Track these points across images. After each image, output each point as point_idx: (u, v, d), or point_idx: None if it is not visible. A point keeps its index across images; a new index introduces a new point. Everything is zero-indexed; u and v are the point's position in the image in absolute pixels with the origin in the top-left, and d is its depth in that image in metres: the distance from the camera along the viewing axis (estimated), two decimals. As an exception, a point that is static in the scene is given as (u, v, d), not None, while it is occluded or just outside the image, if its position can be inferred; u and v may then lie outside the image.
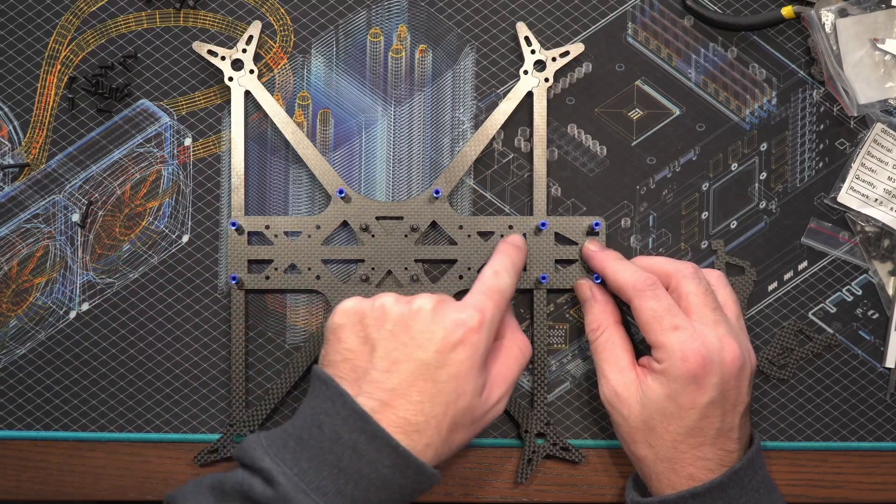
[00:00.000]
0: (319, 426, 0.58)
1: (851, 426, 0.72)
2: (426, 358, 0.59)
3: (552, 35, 0.72)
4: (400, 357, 0.59)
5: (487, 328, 0.61)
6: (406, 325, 0.60)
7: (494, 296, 0.63)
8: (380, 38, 0.72)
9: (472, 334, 0.60)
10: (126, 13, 0.72)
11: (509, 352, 0.65)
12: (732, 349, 0.63)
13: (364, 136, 0.72)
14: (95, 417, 0.72)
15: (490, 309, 0.62)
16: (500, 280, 0.64)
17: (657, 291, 0.64)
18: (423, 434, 0.59)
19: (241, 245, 0.71)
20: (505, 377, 0.63)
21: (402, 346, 0.60)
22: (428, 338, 0.59)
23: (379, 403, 0.58)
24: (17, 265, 0.71)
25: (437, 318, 0.60)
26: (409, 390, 0.59)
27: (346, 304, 0.62)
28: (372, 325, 0.61)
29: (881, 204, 0.71)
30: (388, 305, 0.61)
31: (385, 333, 0.60)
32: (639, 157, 0.72)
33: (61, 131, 0.72)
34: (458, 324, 0.60)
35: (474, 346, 0.60)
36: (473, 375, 0.60)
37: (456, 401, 0.59)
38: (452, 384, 0.59)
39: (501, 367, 0.63)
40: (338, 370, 0.61)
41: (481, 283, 0.63)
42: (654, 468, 0.64)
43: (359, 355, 0.60)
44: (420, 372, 0.59)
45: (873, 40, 0.70)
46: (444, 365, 0.59)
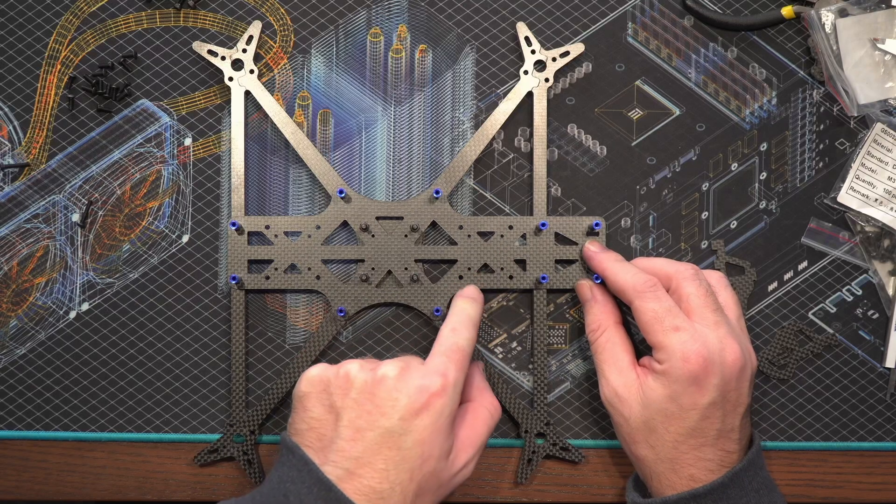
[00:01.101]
0: (286, 495, 0.58)
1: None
2: (390, 426, 0.59)
3: (552, 35, 0.72)
4: (364, 425, 0.59)
5: (451, 392, 0.61)
6: (370, 392, 0.60)
7: (455, 356, 0.62)
8: (380, 38, 0.72)
9: (435, 399, 0.60)
10: (126, 13, 0.72)
11: (477, 413, 0.64)
12: (733, 350, 0.63)
13: (364, 136, 0.72)
14: (95, 417, 0.72)
15: (452, 371, 0.61)
16: (458, 337, 0.64)
17: (657, 293, 0.64)
18: (388, 501, 0.58)
19: (241, 245, 0.71)
20: (473, 440, 0.63)
21: (366, 413, 0.60)
22: (391, 405, 0.59)
23: (344, 472, 0.58)
24: (17, 265, 0.71)
25: (400, 385, 0.60)
26: (374, 458, 0.59)
27: (311, 373, 0.62)
28: (336, 394, 0.61)
29: (881, 204, 0.71)
30: (352, 373, 0.61)
31: (349, 402, 0.60)
32: (639, 157, 0.72)
33: (61, 131, 0.72)
34: (421, 390, 0.60)
35: (438, 412, 0.60)
36: (439, 440, 0.60)
37: (421, 466, 0.59)
38: (417, 450, 0.59)
39: (469, 429, 0.63)
40: (304, 438, 0.61)
41: (441, 344, 0.63)
42: (654, 469, 0.64)
43: (324, 424, 0.61)
44: (384, 440, 0.59)
45: (873, 40, 0.70)
46: (408, 431, 0.59)
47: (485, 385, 0.67)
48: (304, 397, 0.62)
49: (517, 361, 0.72)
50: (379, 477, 0.58)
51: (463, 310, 0.66)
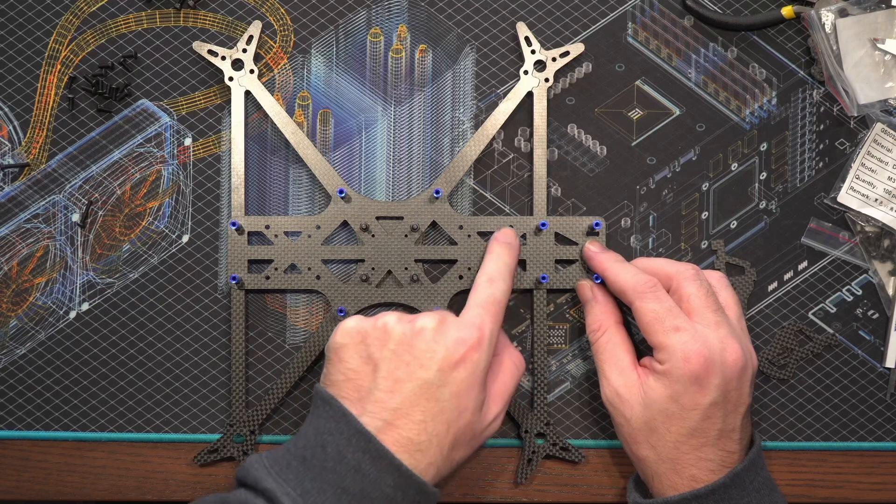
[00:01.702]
0: (323, 446, 0.58)
1: (851, 426, 0.72)
2: (429, 377, 0.59)
3: (552, 35, 0.72)
4: (403, 376, 0.59)
5: (487, 345, 0.61)
6: (409, 344, 0.60)
7: (491, 308, 0.63)
8: (380, 38, 0.72)
9: (472, 352, 0.60)
10: (126, 13, 0.72)
11: (505, 367, 0.65)
12: (734, 350, 0.63)
13: (364, 136, 0.72)
14: (95, 417, 0.72)
15: (489, 323, 0.62)
16: (495, 289, 0.64)
17: (658, 293, 0.64)
18: (426, 453, 0.59)
19: (241, 245, 0.71)
20: (502, 393, 0.64)
21: (404, 365, 0.60)
22: (430, 357, 0.60)
23: (383, 423, 0.59)
24: (17, 265, 0.71)
25: (438, 337, 0.60)
26: (413, 410, 0.59)
27: (348, 324, 0.62)
28: (374, 345, 0.61)
29: (881, 204, 0.71)
30: (390, 325, 0.61)
31: (388, 353, 0.60)
32: (639, 157, 0.72)
33: (61, 131, 0.72)
34: (460, 342, 0.60)
35: (475, 364, 0.60)
36: (475, 393, 0.60)
37: (458, 419, 0.60)
38: (454, 402, 0.59)
39: (499, 383, 0.64)
40: (340, 390, 0.61)
41: (477, 296, 0.64)
42: (655, 469, 0.64)
43: (361, 375, 0.61)
44: (423, 391, 0.59)
45: (873, 40, 0.70)
46: (446, 384, 0.59)
47: (507, 339, 0.67)
48: (341, 348, 0.62)
49: (517, 361, 0.72)
50: (417, 428, 0.59)
51: (500, 257, 0.66)
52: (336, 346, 0.62)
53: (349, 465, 0.57)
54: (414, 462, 0.58)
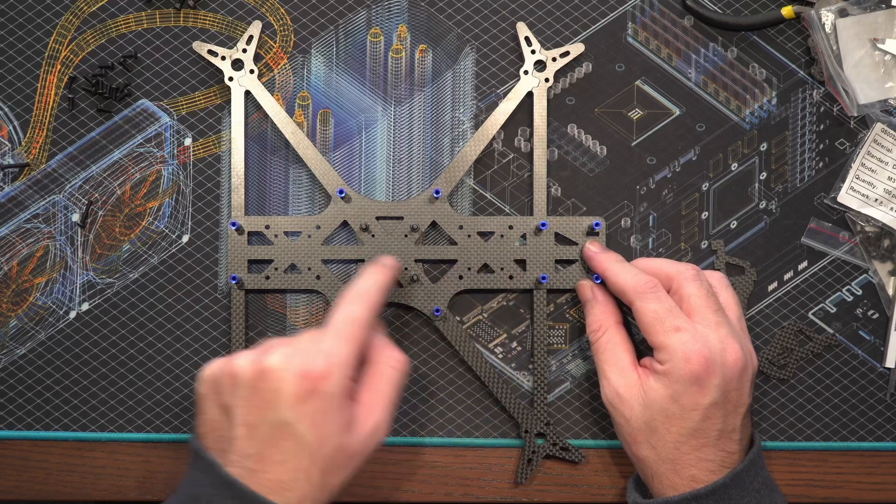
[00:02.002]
0: (196, 498, 0.58)
1: (851, 426, 0.72)
2: (279, 418, 0.58)
3: (552, 35, 0.72)
4: (255, 421, 0.59)
5: (339, 371, 0.59)
6: (255, 387, 0.59)
7: (345, 330, 0.61)
8: (380, 38, 0.72)
9: (321, 382, 0.58)
10: (126, 13, 0.72)
11: (381, 374, 0.63)
12: (734, 350, 0.63)
13: (364, 136, 0.72)
14: (95, 417, 0.72)
15: (343, 348, 0.60)
16: (356, 307, 0.62)
17: (658, 293, 0.64)
18: (295, 490, 0.58)
19: (241, 245, 0.71)
20: (378, 402, 0.62)
21: (255, 408, 0.59)
22: (276, 396, 0.58)
23: (246, 470, 0.58)
24: (17, 265, 0.71)
25: (283, 374, 0.58)
26: (272, 452, 0.58)
27: (204, 373, 0.62)
28: (226, 393, 0.60)
29: (881, 204, 0.71)
30: (237, 367, 0.60)
31: (238, 399, 0.59)
32: (639, 157, 0.72)
33: (61, 131, 0.72)
34: (305, 376, 0.58)
35: (327, 393, 0.59)
36: (334, 418, 0.59)
37: (320, 448, 0.59)
38: (312, 434, 0.58)
39: (373, 392, 0.62)
40: (208, 441, 0.61)
41: (335, 317, 0.62)
42: (655, 469, 0.64)
43: (220, 425, 0.60)
44: (277, 432, 0.58)
45: (873, 40, 0.70)
46: (299, 419, 0.58)
47: (385, 341, 0.65)
48: (202, 400, 0.62)
49: (517, 361, 0.72)
50: (280, 469, 0.58)
51: (370, 275, 0.65)
52: (198, 398, 0.62)
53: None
54: (284, 501, 0.58)
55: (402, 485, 0.72)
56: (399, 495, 0.72)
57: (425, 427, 0.72)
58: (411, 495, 0.72)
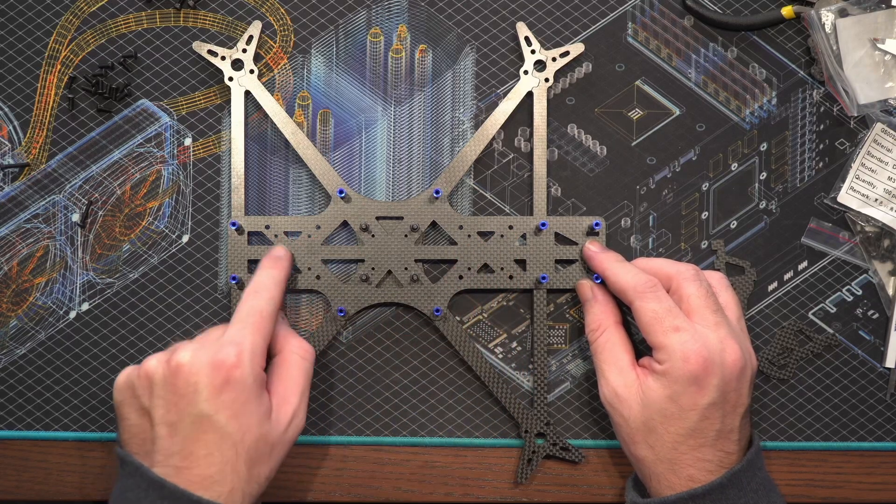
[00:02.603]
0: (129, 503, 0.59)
1: (851, 426, 0.72)
2: (198, 411, 0.59)
3: (552, 35, 0.72)
4: (174, 419, 0.59)
5: (249, 358, 0.60)
6: (170, 385, 0.60)
7: (251, 319, 0.62)
8: (380, 38, 0.72)
9: (234, 371, 0.60)
10: (126, 13, 0.72)
11: (290, 363, 0.64)
12: (734, 351, 0.63)
13: (364, 136, 0.72)
14: (95, 417, 0.72)
15: (248, 336, 0.61)
16: (259, 299, 0.64)
17: (658, 293, 0.64)
18: (223, 483, 0.59)
19: (241, 245, 0.71)
20: (292, 390, 0.63)
21: (173, 406, 0.59)
22: (193, 391, 0.59)
23: (173, 469, 0.59)
24: (17, 265, 0.71)
25: (195, 368, 0.60)
26: (195, 447, 0.59)
27: (119, 380, 0.62)
28: (143, 395, 0.61)
29: (881, 204, 0.71)
30: (150, 370, 0.61)
31: (156, 400, 0.60)
32: (639, 157, 0.72)
33: (61, 131, 0.72)
34: (217, 366, 0.59)
35: (241, 381, 0.60)
36: (252, 407, 0.60)
37: (243, 438, 0.59)
38: (233, 425, 0.59)
39: (285, 381, 0.63)
40: (131, 447, 0.61)
41: (239, 310, 0.63)
42: (653, 469, 0.64)
43: (142, 428, 0.61)
44: (198, 426, 0.59)
45: (873, 40, 0.70)
46: (218, 410, 0.59)
47: (289, 331, 0.66)
48: (119, 406, 0.62)
49: (517, 361, 0.72)
50: (205, 463, 0.59)
51: (266, 269, 0.66)
52: (116, 405, 0.63)
53: None
54: (214, 495, 0.58)
55: (402, 485, 0.72)
56: (399, 495, 0.72)
57: (425, 427, 0.72)
58: (411, 495, 0.72)
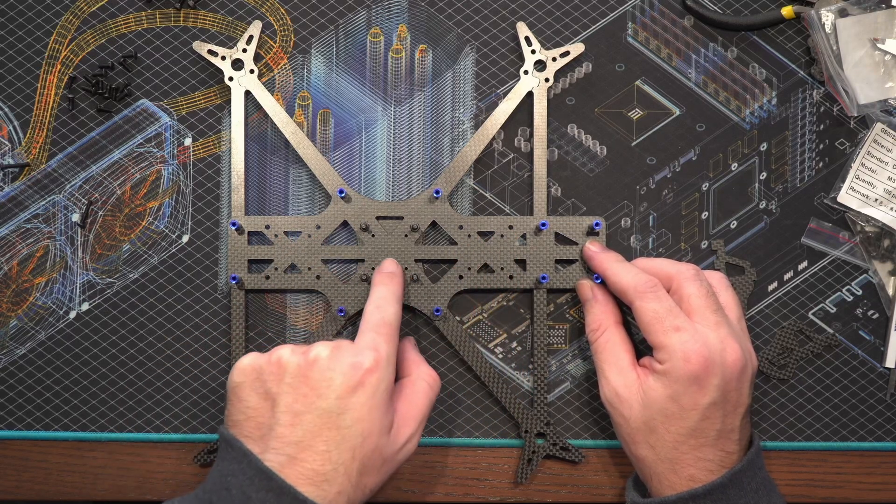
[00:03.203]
0: (228, 488, 0.58)
1: (851, 426, 0.72)
2: (327, 406, 0.59)
3: (552, 35, 0.72)
4: (301, 409, 0.59)
5: (384, 366, 0.61)
6: (304, 375, 0.60)
7: (383, 330, 0.63)
8: (380, 38, 0.72)
9: (369, 375, 0.60)
10: (126, 13, 0.72)
11: (416, 387, 0.65)
12: (734, 350, 0.63)
13: (364, 136, 0.72)
14: (95, 417, 0.72)
15: (383, 345, 0.62)
16: (383, 313, 0.64)
17: (658, 293, 0.64)
18: (333, 483, 0.58)
19: (241, 245, 0.71)
20: (413, 414, 0.63)
21: (302, 397, 0.59)
22: (327, 385, 0.59)
23: (286, 458, 0.58)
24: (17, 265, 0.71)
25: (333, 364, 0.60)
26: (315, 441, 0.59)
27: (242, 362, 0.62)
28: (270, 380, 0.61)
29: (881, 204, 0.71)
30: (284, 358, 0.61)
31: (285, 387, 0.60)
32: (639, 157, 0.72)
33: (61, 131, 0.72)
34: (355, 367, 0.60)
35: (374, 387, 0.60)
36: (378, 415, 0.60)
37: (363, 444, 0.59)
38: (357, 428, 0.59)
39: (408, 403, 0.64)
40: (242, 429, 0.61)
41: (367, 322, 0.63)
42: (654, 469, 0.64)
43: (261, 412, 0.61)
44: (323, 421, 0.59)
45: (873, 40, 0.70)
46: (346, 410, 0.59)
47: (419, 358, 0.67)
48: (238, 387, 0.62)
49: (517, 361, 0.72)
50: (321, 459, 0.58)
51: (384, 285, 0.67)
52: (233, 386, 0.62)
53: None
54: (321, 493, 0.58)
55: (402, 485, 0.72)
56: (399, 495, 0.72)
57: (425, 427, 0.72)
58: (411, 495, 0.72)
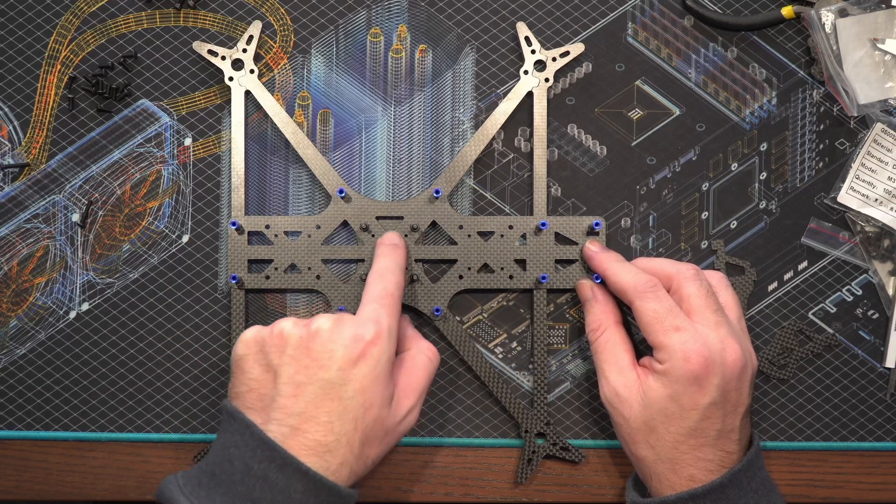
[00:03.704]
0: (230, 460, 0.58)
1: (851, 426, 0.72)
2: (329, 377, 0.59)
3: (552, 35, 0.72)
4: (303, 380, 0.60)
5: (386, 338, 0.61)
6: (306, 347, 0.60)
7: (386, 301, 0.63)
8: (380, 38, 0.72)
9: (371, 347, 0.60)
10: (126, 13, 0.72)
11: (415, 361, 0.65)
12: (734, 350, 0.63)
13: (364, 136, 0.72)
14: (95, 417, 0.72)
15: (385, 317, 0.62)
16: (387, 283, 0.64)
17: (658, 293, 0.64)
18: (336, 453, 0.59)
19: (241, 245, 0.71)
20: (414, 387, 0.64)
21: (304, 368, 0.60)
22: (328, 357, 0.60)
23: (289, 429, 0.59)
24: (17, 265, 0.71)
25: (335, 336, 0.60)
26: (317, 411, 0.59)
27: (246, 335, 0.62)
28: (273, 352, 0.61)
29: (881, 204, 0.71)
30: (286, 330, 0.61)
31: (286, 359, 0.60)
32: (639, 157, 0.72)
33: (61, 131, 0.72)
34: (357, 338, 0.60)
35: (376, 358, 0.60)
36: (379, 387, 0.60)
37: (364, 415, 0.60)
38: (359, 399, 0.59)
39: (409, 376, 0.64)
40: (244, 401, 0.61)
41: (370, 293, 0.63)
42: (654, 469, 0.64)
43: (263, 384, 0.61)
44: (325, 392, 0.59)
45: (873, 40, 0.70)
46: (347, 381, 0.59)
47: (416, 333, 0.68)
48: (241, 359, 0.62)
49: (517, 361, 0.72)
50: (324, 430, 0.59)
51: (386, 255, 0.67)
52: (237, 358, 0.62)
53: (256, 475, 0.57)
54: (324, 464, 0.58)
55: (402, 485, 0.72)
56: (399, 495, 0.72)
57: (425, 427, 0.72)
58: (411, 495, 0.72)
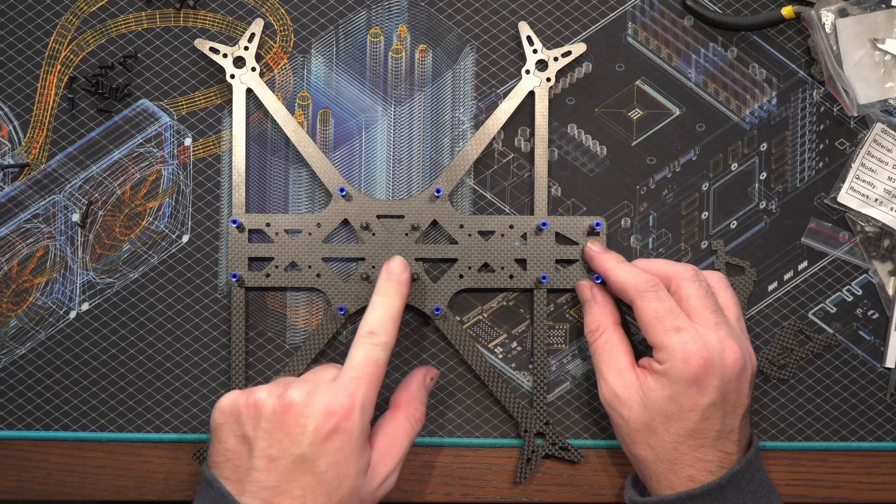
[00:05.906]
0: None
1: (851, 426, 0.72)
2: (301, 452, 0.59)
3: (552, 35, 0.72)
4: (276, 454, 0.59)
5: (358, 412, 0.60)
6: (279, 420, 0.60)
7: (367, 370, 0.62)
8: (380, 38, 0.72)
9: (343, 422, 0.60)
10: (126, 13, 0.72)
11: (398, 424, 0.64)
12: (734, 351, 0.63)
13: (364, 136, 0.72)
14: (95, 417, 0.72)
15: (362, 388, 0.61)
16: (374, 343, 0.63)
17: (659, 293, 0.64)
18: None
19: (241, 242, 0.71)
20: (392, 454, 0.63)
21: (277, 442, 0.59)
22: (300, 432, 0.59)
23: (262, 502, 0.59)
24: (17, 265, 0.71)
25: (307, 409, 0.60)
26: (290, 486, 0.59)
27: (222, 402, 0.62)
28: (247, 423, 0.61)
29: (881, 204, 0.71)
30: (261, 401, 0.61)
31: (260, 431, 0.60)
32: (639, 157, 0.72)
33: (61, 131, 0.72)
34: (329, 413, 0.59)
35: (349, 433, 0.60)
36: (353, 459, 0.60)
37: (338, 488, 0.59)
38: (333, 472, 0.59)
39: (389, 441, 0.63)
40: (222, 470, 0.61)
41: (354, 355, 0.62)
42: (653, 469, 0.64)
43: (238, 455, 0.61)
44: (298, 466, 0.59)
45: (873, 40, 0.70)
46: (320, 456, 0.59)
47: (417, 393, 0.67)
48: (218, 428, 0.62)
49: (517, 361, 0.72)
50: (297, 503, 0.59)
51: (384, 302, 0.65)
52: (214, 426, 0.62)
53: None
54: None
55: (402, 485, 0.72)
56: (399, 495, 0.72)
57: (425, 427, 0.72)
58: (411, 495, 0.72)
